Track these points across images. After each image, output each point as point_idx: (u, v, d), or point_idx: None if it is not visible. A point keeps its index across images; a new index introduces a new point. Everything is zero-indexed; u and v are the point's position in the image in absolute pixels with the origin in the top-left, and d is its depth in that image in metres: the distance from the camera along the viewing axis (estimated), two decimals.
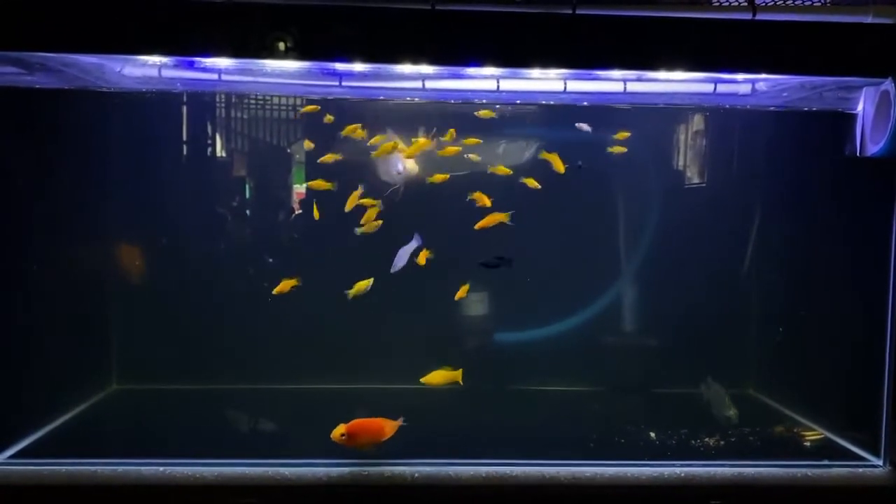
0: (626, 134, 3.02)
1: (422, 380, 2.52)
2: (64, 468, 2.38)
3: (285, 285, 2.82)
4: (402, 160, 3.07)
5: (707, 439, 2.76)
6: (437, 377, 2.52)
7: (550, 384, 3.38)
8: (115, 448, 2.51)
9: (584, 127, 2.95)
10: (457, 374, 2.48)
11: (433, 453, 2.48)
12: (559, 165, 2.87)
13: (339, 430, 2.36)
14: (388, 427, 2.44)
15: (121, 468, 2.38)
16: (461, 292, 2.89)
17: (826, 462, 2.54)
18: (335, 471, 2.39)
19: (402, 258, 2.85)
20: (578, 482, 2.41)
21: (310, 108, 3.00)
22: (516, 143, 3.33)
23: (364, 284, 2.75)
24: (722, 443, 2.75)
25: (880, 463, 2.54)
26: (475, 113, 2.97)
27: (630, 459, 2.50)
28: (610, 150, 3.03)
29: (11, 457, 2.51)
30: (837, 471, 2.51)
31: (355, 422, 2.40)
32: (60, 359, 2.97)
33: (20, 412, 2.67)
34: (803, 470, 2.49)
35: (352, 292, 2.74)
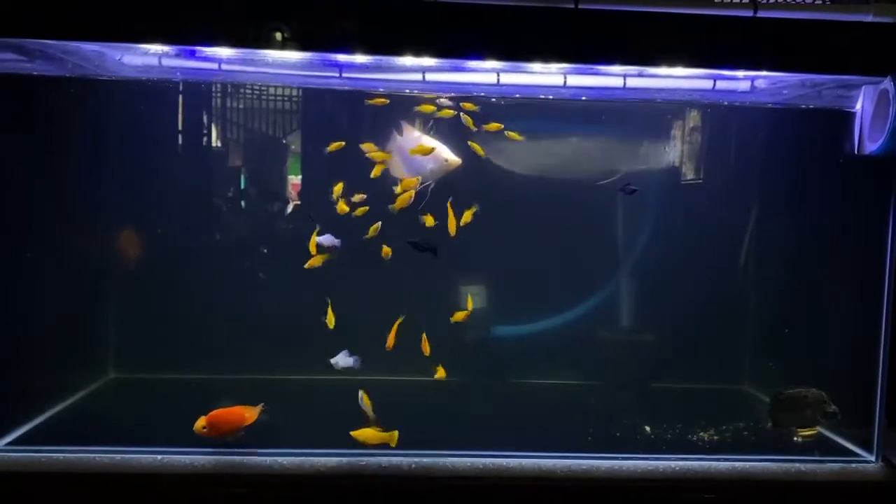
0: (499, 126, 2.90)
1: (352, 433, 2.47)
2: (61, 455, 2.39)
3: (317, 259, 2.80)
4: (442, 154, 2.86)
5: (702, 434, 2.78)
6: (369, 435, 2.46)
7: (547, 378, 3.40)
8: (112, 436, 2.51)
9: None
10: (391, 437, 2.45)
11: (431, 444, 2.49)
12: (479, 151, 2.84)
13: (200, 423, 2.41)
14: (249, 414, 2.49)
15: (118, 456, 2.39)
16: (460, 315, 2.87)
17: (819, 457, 2.56)
18: (332, 461, 2.41)
19: None
20: (574, 475, 2.43)
21: (378, 100, 2.86)
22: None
23: (463, 313, 2.79)
24: (717, 437, 2.77)
25: (873, 459, 2.56)
26: (461, 105, 2.89)
27: (626, 453, 2.52)
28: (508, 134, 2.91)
29: (9, 444, 2.51)
30: (830, 466, 2.53)
31: (214, 412, 2.45)
32: (58, 348, 2.97)
33: (18, 400, 2.67)
34: (797, 465, 2.52)
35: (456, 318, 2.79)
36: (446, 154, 2.86)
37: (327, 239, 2.80)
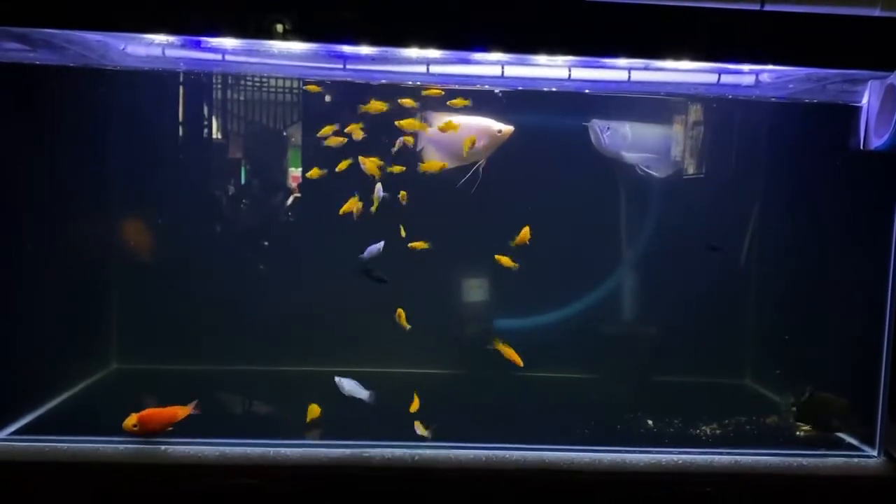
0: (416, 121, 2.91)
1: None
2: (65, 445, 2.38)
3: (418, 244, 2.81)
4: (493, 126, 2.76)
5: (704, 427, 2.79)
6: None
7: (549, 371, 3.40)
8: (114, 426, 2.50)
9: None
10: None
11: (433, 436, 2.50)
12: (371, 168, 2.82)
13: (130, 420, 2.41)
14: (181, 413, 2.50)
15: (122, 446, 2.39)
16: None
17: (821, 451, 2.57)
18: (336, 452, 2.41)
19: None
20: (577, 467, 2.43)
21: (433, 91, 2.78)
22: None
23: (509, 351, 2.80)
24: (718, 431, 2.78)
25: (875, 453, 2.56)
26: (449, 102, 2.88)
27: (628, 446, 2.52)
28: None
29: (13, 433, 2.51)
30: (833, 460, 2.53)
31: (146, 411, 2.45)
32: (60, 338, 2.97)
33: (21, 390, 2.67)
34: (799, 459, 2.52)
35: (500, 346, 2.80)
36: (497, 125, 2.76)
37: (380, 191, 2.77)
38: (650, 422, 2.83)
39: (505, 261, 2.80)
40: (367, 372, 3.09)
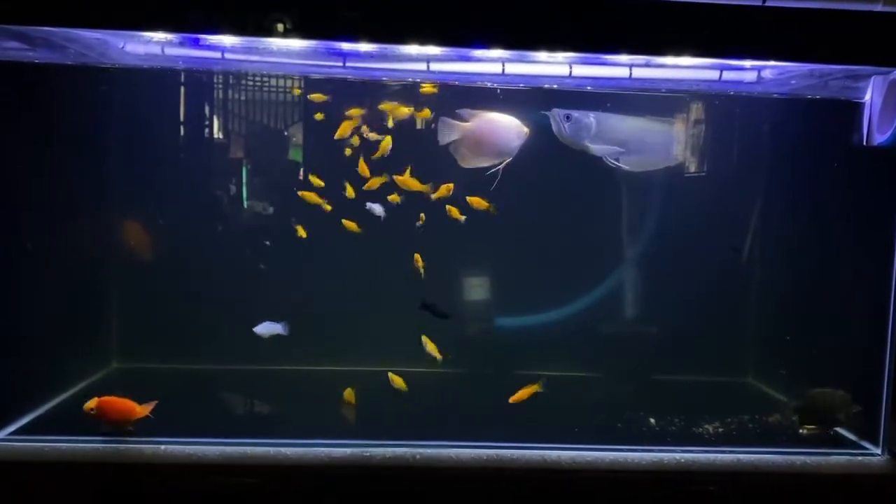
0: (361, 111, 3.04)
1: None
2: (65, 445, 2.38)
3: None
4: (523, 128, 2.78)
5: (707, 426, 2.77)
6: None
7: (551, 369, 3.38)
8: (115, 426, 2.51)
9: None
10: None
11: (435, 435, 2.49)
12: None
13: (91, 403, 2.44)
14: (139, 409, 2.49)
15: (122, 446, 2.38)
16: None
17: (825, 450, 2.55)
18: (336, 451, 2.40)
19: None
20: (579, 466, 2.42)
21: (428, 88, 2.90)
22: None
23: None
24: (721, 430, 2.76)
25: (879, 452, 2.55)
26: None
27: (630, 445, 2.51)
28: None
29: (13, 433, 2.51)
30: (836, 459, 2.52)
31: (107, 398, 2.47)
32: (60, 338, 2.96)
33: (21, 389, 2.67)
34: (802, 458, 2.51)
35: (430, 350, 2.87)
36: (521, 125, 2.80)
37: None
38: (652, 420, 2.82)
39: (454, 211, 2.89)
40: (368, 371, 3.10)
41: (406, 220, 3.01)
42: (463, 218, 2.88)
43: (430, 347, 2.88)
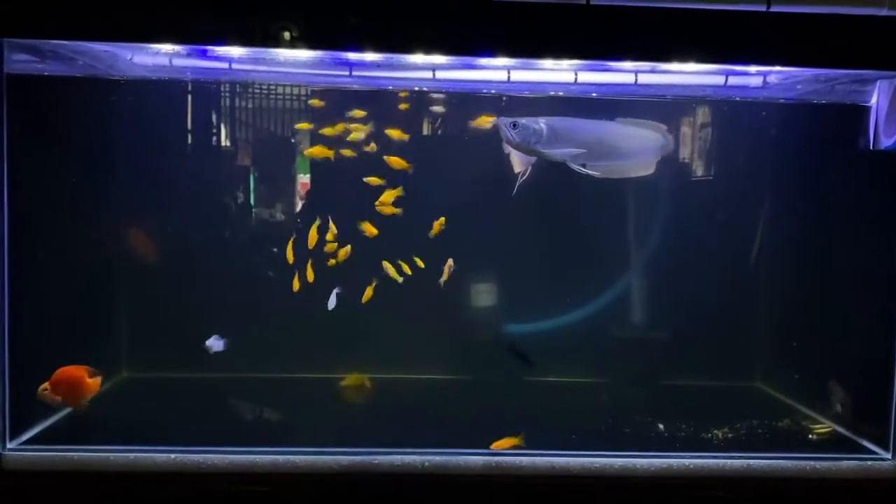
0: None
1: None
2: (76, 454, 2.39)
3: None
4: None
5: (715, 431, 2.77)
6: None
7: (559, 375, 3.39)
8: (126, 435, 2.52)
9: None
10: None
11: (444, 442, 2.49)
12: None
13: (43, 386, 2.49)
14: (90, 381, 2.55)
15: (132, 455, 2.39)
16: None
17: (835, 455, 2.54)
18: (346, 459, 2.41)
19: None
20: (588, 473, 2.42)
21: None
22: None
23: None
24: (730, 435, 2.76)
25: (889, 456, 2.54)
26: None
27: (638, 451, 2.51)
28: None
29: (24, 443, 2.52)
30: (846, 464, 2.51)
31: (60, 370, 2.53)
32: (70, 347, 2.97)
33: (32, 399, 2.68)
34: (811, 463, 2.49)
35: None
36: None
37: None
38: (661, 426, 2.82)
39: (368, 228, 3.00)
40: (380, 378, 3.10)
41: (418, 227, 3.01)
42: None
43: (389, 269, 2.86)
